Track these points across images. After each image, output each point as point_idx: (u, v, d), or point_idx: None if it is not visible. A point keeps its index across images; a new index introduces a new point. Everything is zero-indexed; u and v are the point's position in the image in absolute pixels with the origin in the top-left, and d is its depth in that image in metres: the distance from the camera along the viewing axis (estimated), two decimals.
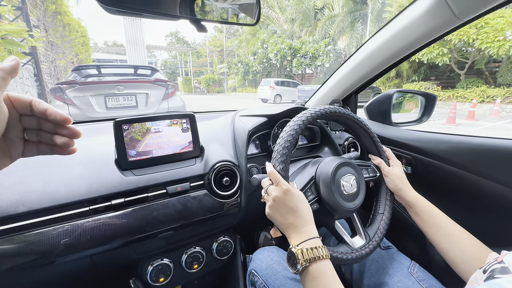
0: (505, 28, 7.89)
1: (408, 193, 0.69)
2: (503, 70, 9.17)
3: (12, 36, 4.16)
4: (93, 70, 3.96)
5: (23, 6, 5.85)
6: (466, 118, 7.66)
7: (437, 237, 0.62)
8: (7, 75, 0.29)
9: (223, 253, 0.89)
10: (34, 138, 0.35)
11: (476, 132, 6.02)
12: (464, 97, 9.55)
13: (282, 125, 0.98)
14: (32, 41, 4.84)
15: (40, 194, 0.59)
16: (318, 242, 0.50)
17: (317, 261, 0.48)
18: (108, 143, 0.76)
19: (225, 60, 27.79)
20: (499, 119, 7.70)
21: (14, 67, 0.30)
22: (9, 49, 4.23)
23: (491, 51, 8.27)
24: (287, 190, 0.54)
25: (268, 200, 0.57)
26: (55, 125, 0.35)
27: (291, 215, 0.53)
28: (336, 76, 1.12)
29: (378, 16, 14.50)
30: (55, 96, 3.37)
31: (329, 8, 16.94)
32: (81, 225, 0.61)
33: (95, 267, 0.70)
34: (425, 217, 0.65)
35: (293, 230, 0.52)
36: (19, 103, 0.33)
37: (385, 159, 0.76)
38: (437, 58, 9.57)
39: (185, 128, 0.80)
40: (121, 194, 0.66)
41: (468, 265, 0.55)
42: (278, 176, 0.56)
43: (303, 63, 18.09)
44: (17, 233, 0.55)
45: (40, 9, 7.40)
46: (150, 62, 32.78)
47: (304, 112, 0.63)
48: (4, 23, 4.39)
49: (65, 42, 8.93)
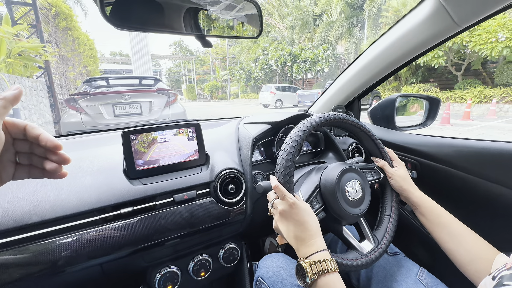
0: (497, 30, 7.88)
1: (413, 193, 0.68)
2: (499, 71, 9.13)
3: (28, 52, 4.33)
4: (102, 82, 4.31)
5: (37, 24, 6.17)
6: (461, 118, 7.59)
7: (442, 237, 0.60)
8: (8, 104, 0.30)
9: (229, 260, 0.88)
10: (25, 161, 0.35)
11: (469, 132, 6.01)
12: (462, 98, 9.49)
13: (286, 131, 0.97)
14: (46, 56, 5.03)
15: (52, 204, 0.59)
16: (327, 254, 0.50)
17: (325, 274, 0.47)
18: (116, 152, 0.76)
19: (227, 67, 27.96)
20: (496, 118, 7.62)
21: (16, 96, 0.31)
22: (25, 64, 4.40)
23: (485, 52, 8.26)
24: (293, 203, 0.53)
25: (274, 214, 0.56)
26: (46, 151, 0.35)
27: (298, 228, 0.52)
28: (339, 82, 1.11)
29: (375, 21, 14.54)
30: (69, 106, 3.69)
31: (327, 15, 17.04)
32: (92, 234, 0.61)
33: (104, 275, 0.69)
34: (431, 217, 0.64)
35: (301, 243, 0.51)
36: (13, 128, 0.33)
37: (388, 161, 0.75)
38: (432, 61, 9.55)
39: (191, 137, 0.80)
40: (130, 203, 0.66)
41: (474, 265, 0.54)
42: (283, 189, 0.55)
43: (303, 69, 18.16)
44: (30, 243, 0.56)
45: (52, 25, 7.69)
46: (154, 71, 33.19)
47: (303, 122, 0.62)
48: (22, 40, 4.58)
49: (75, 55, 9.18)
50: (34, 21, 6.25)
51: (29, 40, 5.15)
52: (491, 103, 8.29)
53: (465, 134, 5.80)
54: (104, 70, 23.77)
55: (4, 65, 4.05)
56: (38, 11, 6.35)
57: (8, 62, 4.16)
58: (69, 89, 8.39)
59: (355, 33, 16.26)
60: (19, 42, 4.34)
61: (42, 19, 6.47)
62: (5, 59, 4.05)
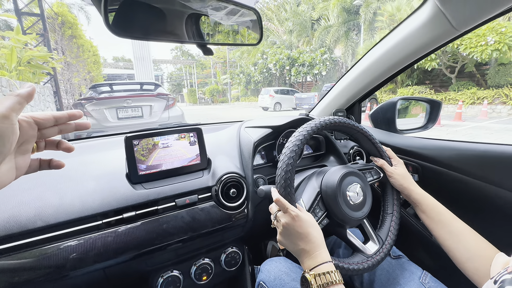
0: (487, 33, 7.95)
1: (414, 191, 0.67)
2: (491, 73, 9.18)
3: (37, 60, 4.48)
4: (106, 88, 4.63)
5: (45, 33, 6.37)
6: (453, 119, 7.61)
7: (442, 234, 0.60)
8: (23, 100, 0.32)
9: (231, 264, 0.86)
10: (41, 149, 0.40)
11: (457, 132, 6.10)
12: (456, 100, 9.52)
13: (287, 135, 0.95)
14: (53, 63, 5.20)
15: (56, 209, 0.58)
16: (331, 266, 0.48)
17: (330, 286, 0.46)
18: (119, 157, 0.75)
19: (228, 71, 28.00)
20: (487, 119, 7.66)
21: (30, 93, 0.33)
22: (32, 71, 4.54)
23: (475, 55, 8.32)
24: (296, 215, 0.52)
25: (278, 226, 0.55)
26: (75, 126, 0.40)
27: (302, 241, 0.51)
28: (339, 86, 1.09)
29: (370, 25, 14.59)
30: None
31: (325, 19, 17.12)
32: (95, 238, 0.60)
33: (107, 279, 0.68)
34: (432, 214, 0.63)
35: (305, 256, 0.50)
36: (44, 119, 0.36)
37: (387, 159, 0.73)
38: (426, 63, 9.57)
39: (192, 142, 0.79)
40: (132, 208, 0.65)
41: (473, 263, 0.53)
42: (285, 202, 0.53)
43: (301, 72, 18.19)
44: (35, 247, 0.55)
45: (58, 33, 7.88)
46: (156, 75, 33.27)
47: (304, 126, 0.61)
48: (31, 49, 4.74)
49: (79, 61, 9.32)
50: (41, 30, 6.43)
51: (38, 48, 5.37)
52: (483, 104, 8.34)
53: (453, 134, 5.91)
54: (107, 75, 23.80)
55: (15, 72, 4.24)
56: (46, 21, 6.51)
57: (18, 70, 4.34)
58: (74, 94, 8.49)
59: (352, 37, 16.33)
60: (28, 50, 4.54)
61: (49, 28, 6.63)
62: (16, 67, 4.23)
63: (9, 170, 0.34)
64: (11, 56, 3.93)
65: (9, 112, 0.30)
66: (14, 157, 0.35)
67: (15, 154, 0.35)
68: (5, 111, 0.30)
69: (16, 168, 0.35)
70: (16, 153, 0.35)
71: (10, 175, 0.34)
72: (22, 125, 0.34)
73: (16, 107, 0.31)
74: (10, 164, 0.34)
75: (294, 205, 0.54)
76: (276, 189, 0.56)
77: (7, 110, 0.30)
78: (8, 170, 0.34)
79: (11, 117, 0.30)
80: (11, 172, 0.34)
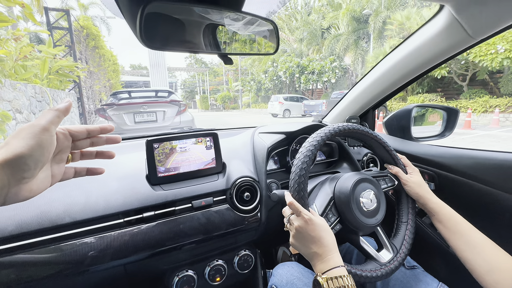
0: (497, 42, 7.68)
1: (430, 199, 0.64)
2: (504, 81, 8.82)
3: (64, 69, 4.89)
4: (125, 95, 5.06)
5: (72, 45, 6.89)
6: (462, 127, 7.33)
7: (460, 245, 0.56)
8: (61, 114, 0.35)
9: (244, 266, 0.86)
10: (77, 159, 0.42)
11: (463, 140, 5.88)
12: (468, 108, 9.17)
13: (300, 141, 0.95)
14: (78, 72, 5.63)
15: (83, 207, 0.61)
16: (343, 271, 0.47)
17: None
18: (139, 159, 0.78)
19: (239, 78, 28.30)
20: (499, 128, 7.34)
21: (67, 107, 0.36)
22: (60, 79, 4.93)
23: (485, 63, 8.05)
24: (309, 219, 0.52)
25: (291, 230, 0.55)
26: (106, 139, 0.42)
27: (314, 244, 0.50)
28: (353, 93, 1.08)
29: (380, 34, 14.42)
30: (100, 115, 4.41)
31: (335, 28, 17.09)
32: (117, 235, 0.62)
33: (127, 275, 0.69)
34: (448, 224, 0.60)
35: (317, 259, 0.50)
36: (78, 131, 0.39)
37: (402, 167, 0.71)
38: (435, 71, 9.31)
39: (208, 146, 0.80)
40: (151, 208, 0.67)
41: (492, 276, 0.50)
42: (298, 206, 0.53)
43: (310, 79, 18.14)
44: (62, 242, 0.57)
45: (83, 45, 8.32)
46: (170, 82, 34.04)
47: (317, 133, 0.60)
48: (61, 59, 5.16)
49: (101, 70, 9.72)
50: (69, 42, 6.93)
51: (67, 58, 5.84)
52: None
53: (459, 142, 5.70)
54: (125, 82, 24.58)
55: (46, 81, 4.64)
56: (73, 34, 6.95)
57: (49, 78, 4.77)
58: (95, 100, 8.86)
59: (361, 45, 16.18)
60: (58, 61, 4.98)
61: (75, 40, 7.03)
62: (47, 75, 4.62)
63: (46, 178, 0.36)
64: (43, 66, 4.28)
65: (49, 125, 0.33)
66: (50, 166, 0.37)
67: (51, 163, 0.37)
68: (45, 124, 0.32)
69: (52, 175, 0.37)
70: (52, 162, 0.37)
71: (46, 182, 0.36)
72: (58, 137, 0.36)
73: (55, 120, 0.34)
74: (47, 172, 0.36)
75: (307, 209, 0.54)
76: (289, 193, 0.56)
77: (48, 123, 0.33)
78: (45, 178, 0.36)
79: (50, 129, 0.33)
80: (47, 179, 0.36)
